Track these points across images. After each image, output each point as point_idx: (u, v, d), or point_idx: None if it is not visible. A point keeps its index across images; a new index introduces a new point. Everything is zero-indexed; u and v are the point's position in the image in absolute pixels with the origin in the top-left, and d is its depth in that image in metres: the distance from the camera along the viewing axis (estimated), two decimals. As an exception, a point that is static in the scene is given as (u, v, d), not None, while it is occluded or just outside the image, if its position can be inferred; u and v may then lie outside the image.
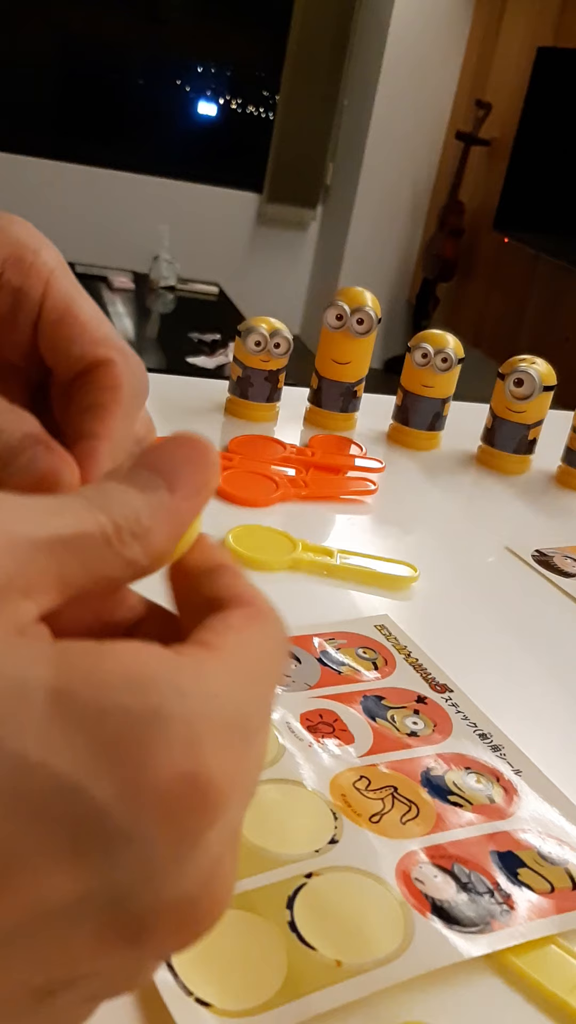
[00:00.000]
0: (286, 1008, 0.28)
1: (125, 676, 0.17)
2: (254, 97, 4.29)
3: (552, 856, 0.36)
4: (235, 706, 0.18)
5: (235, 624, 0.20)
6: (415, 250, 4.24)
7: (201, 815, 0.17)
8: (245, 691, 0.19)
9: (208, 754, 0.17)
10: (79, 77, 4.10)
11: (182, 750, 0.17)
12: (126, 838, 0.16)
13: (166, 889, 0.17)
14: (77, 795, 0.16)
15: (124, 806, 0.16)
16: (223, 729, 0.18)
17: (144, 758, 0.17)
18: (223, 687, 0.18)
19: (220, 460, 0.23)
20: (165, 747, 0.17)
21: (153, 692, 0.17)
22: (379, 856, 0.34)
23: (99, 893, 0.17)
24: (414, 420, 0.82)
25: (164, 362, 2.97)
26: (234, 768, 0.18)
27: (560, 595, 0.61)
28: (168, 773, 0.17)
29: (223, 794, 0.17)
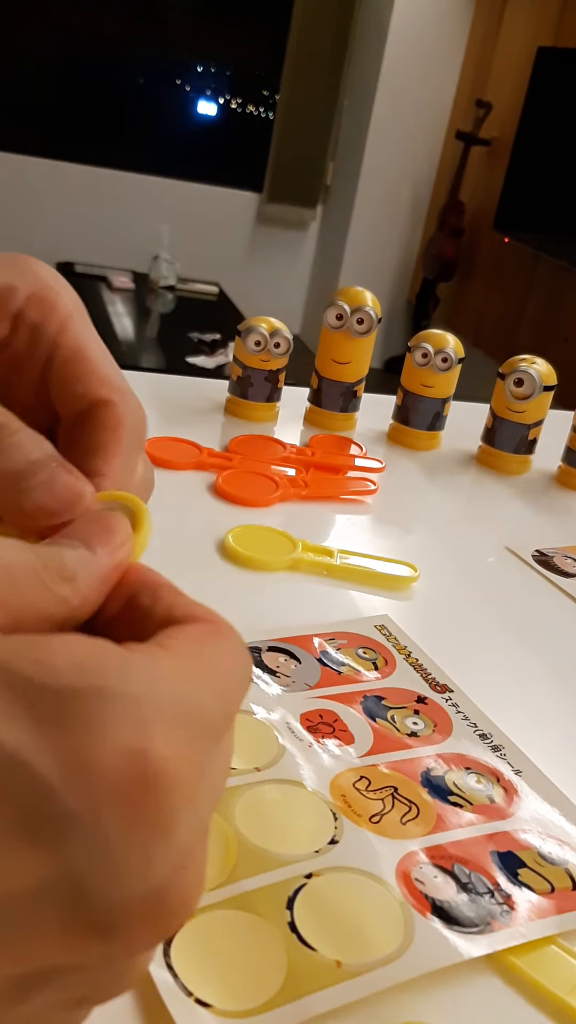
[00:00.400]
0: (286, 1008, 0.28)
1: (70, 658, 0.17)
2: (254, 97, 4.29)
3: (552, 856, 0.36)
4: (187, 695, 0.18)
5: (192, 634, 0.20)
6: (415, 250, 4.24)
7: (154, 796, 0.17)
8: (201, 685, 0.19)
9: (156, 734, 0.17)
10: (79, 77, 4.10)
11: (128, 728, 0.17)
12: (75, 817, 0.16)
13: (130, 880, 0.17)
14: (21, 770, 0.16)
15: (70, 783, 0.16)
16: (175, 713, 0.18)
17: (87, 734, 0.17)
18: (176, 676, 0.18)
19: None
20: (109, 724, 0.17)
21: (97, 672, 0.17)
22: (379, 856, 0.34)
23: (59, 879, 0.17)
24: (414, 420, 0.82)
25: (164, 362, 2.97)
26: (187, 753, 0.18)
27: (560, 595, 0.61)
28: (113, 750, 0.17)
29: (175, 776, 0.17)
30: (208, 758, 0.19)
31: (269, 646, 0.47)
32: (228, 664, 0.20)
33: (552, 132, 3.25)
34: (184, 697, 0.18)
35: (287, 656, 0.47)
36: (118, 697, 0.17)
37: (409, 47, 3.85)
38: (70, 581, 0.21)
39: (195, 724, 0.18)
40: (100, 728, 0.17)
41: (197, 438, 0.72)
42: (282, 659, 0.46)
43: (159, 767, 0.17)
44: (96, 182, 4.06)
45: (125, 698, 0.17)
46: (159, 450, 0.69)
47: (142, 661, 0.18)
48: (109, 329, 3.08)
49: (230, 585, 0.54)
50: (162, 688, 0.18)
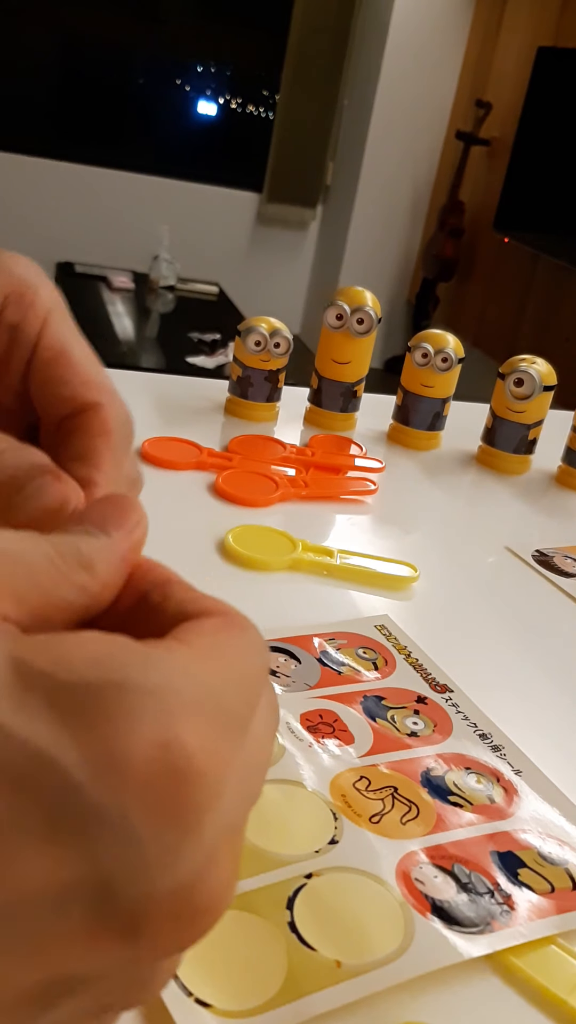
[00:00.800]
0: (286, 1008, 0.28)
1: (88, 654, 0.17)
2: (254, 97, 4.29)
3: (552, 856, 0.36)
4: (212, 686, 0.18)
5: (209, 629, 0.20)
6: (415, 250, 4.24)
7: (183, 788, 0.17)
8: (223, 677, 0.19)
9: (182, 725, 0.17)
10: (79, 77, 4.10)
11: (153, 720, 0.17)
12: (103, 814, 0.16)
13: (157, 878, 0.17)
14: (47, 767, 0.16)
15: (97, 779, 0.16)
16: (199, 705, 0.18)
17: (112, 729, 0.16)
18: (198, 668, 0.18)
19: None
20: (135, 717, 0.17)
21: (118, 666, 0.17)
22: (379, 856, 0.34)
23: (85, 878, 0.16)
24: (414, 420, 0.82)
25: (164, 362, 2.97)
26: (216, 746, 0.18)
27: (560, 595, 0.61)
28: (140, 744, 0.16)
29: (205, 770, 0.17)
30: (234, 750, 0.18)
31: (269, 646, 0.47)
32: (247, 656, 0.20)
33: (552, 132, 3.25)
34: (207, 688, 0.18)
35: (287, 656, 0.47)
36: (140, 690, 0.17)
37: (409, 47, 3.85)
38: (88, 569, 0.20)
39: (219, 715, 0.18)
40: (125, 722, 0.16)
41: (197, 438, 0.72)
42: (282, 659, 0.46)
43: (187, 758, 0.17)
44: (96, 182, 4.06)
45: (147, 690, 0.17)
46: (159, 450, 0.69)
47: (161, 654, 0.18)
48: (109, 329, 3.08)
49: (230, 585, 0.54)
50: (184, 679, 0.18)
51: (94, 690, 0.17)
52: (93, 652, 0.17)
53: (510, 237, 3.48)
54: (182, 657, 0.18)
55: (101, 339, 2.99)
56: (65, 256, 3.90)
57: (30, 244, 4.03)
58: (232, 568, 0.56)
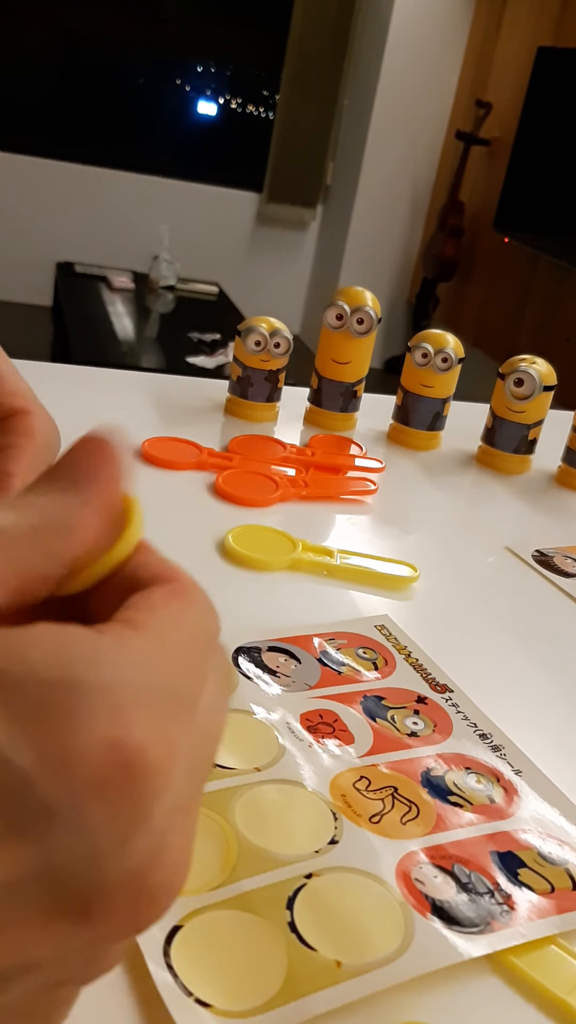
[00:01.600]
0: (286, 1008, 0.28)
1: (41, 650, 0.17)
2: (254, 97, 4.29)
3: (552, 856, 0.36)
4: (161, 673, 0.18)
5: (158, 602, 0.20)
6: (415, 250, 4.24)
7: (136, 783, 0.17)
8: (171, 660, 0.19)
9: (134, 720, 0.17)
10: (79, 77, 4.11)
11: (105, 717, 0.17)
12: (55, 809, 0.16)
13: (109, 865, 0.17)
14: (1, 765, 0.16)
15: (49, 776, 0.16)
16: (149, 695, 0.18)
17: (64, 727, 0.17)
18: (146, 656, 0.18)
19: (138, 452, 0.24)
20: (86, 715, 0.17)
21: (69, 663, 0.17)
22: (379, 856, 0.34)
23: (38, 869, 0.17)
24: (414, 420, 0.82)
25: (164, 362, 2.97)
26: (167, 735, 0.18)
27: (560, 595, 0.61)
28: (92, 741, 0.17)
29: (157, 761, 0.17)
30: (184, 730, 0.19)
31: (269, 646, 0.47)
32: (194, 629, 0.20)
33: (552, 132, 3.25)
34: (155, 677, 0.18)
35: (287, 656, 0.47)
36: (91, 687, 0.17)
37: (409, 47, 3.85)
38: (64, 536, 0.20)
39: (168, 701, 0.18)
40: (77, 720, 0.17)
41: (197, 438, 0.72)
42: (282, 659, 0.46)
43: (137, 753, 0.17)
44: (96, 182, 4.06)
45: (98, 687, 0.17)
46: (159, 450, 0.69)
47: (112, 645, 0.18)
48: (109, 329, 3.08)
49: (230, 585, 0.54)
50: (134, 672, 0.18)
51: (47, 688, 0.17)
52: (47, 647, 0.17)
53: (510, 237, 3.48)
54: (133, 646, 0.18)
55: (101, 339, 2.99)
56: (65, 256, 3.90)
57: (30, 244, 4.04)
58: (232, 568, 0.56)
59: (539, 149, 3.33)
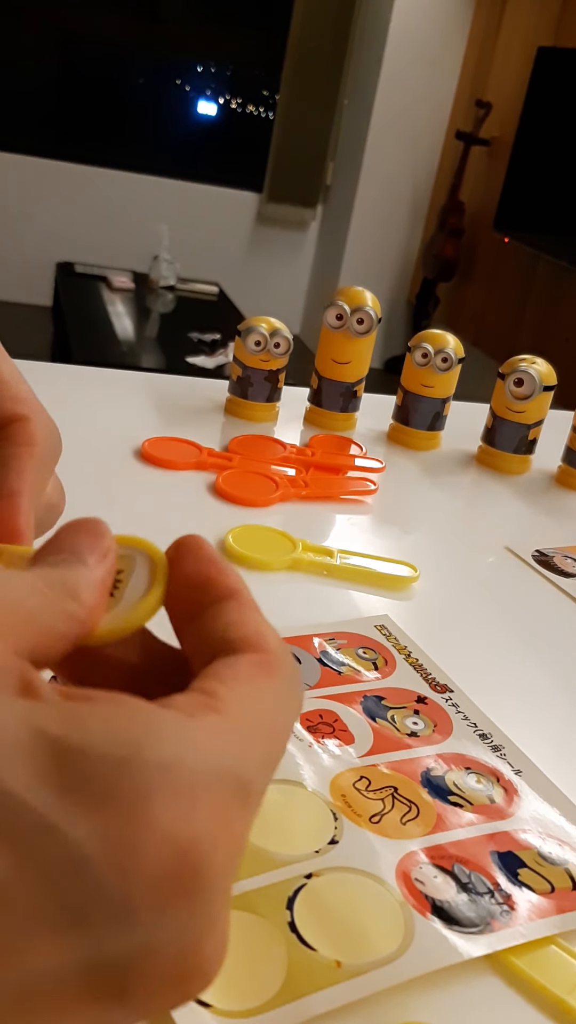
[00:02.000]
0: (286, 1008, 0.28)
1: (102, 718, 0.17)
2: (254, 97, 4.29)
3: (552, 856, 0.36)
4: (231, 760, 0.18)
5: (243, 674, 0.20)
6: (415, 250, 4.24)
7: (194, 882, 0.17)
8: (245, 747, 0.18)
9: (199, 812, 0.17)
10: (79, 77, 4.11)
11: (168, 806, 0.16)
12: (107, 894, 0.16)
13: (154, 955, 0.17)
14: (54, 835, 0.16)
15: (108, 860, 0.16)
16: (218, 785, 0.17)
17: (131, 813, 0.16)
18: (218, 739, 0.18)
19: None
20: (152, 803, 0.16)
21: (131, 737, 0.17)
22: (379, 856, 0.34)
23: (83, 956, 0.16)
24: (414, 420, 0.82)
25: (164, 362, 2.97)
26: (229, 828, 0.17)
27: (560, 595, 0.61)
28: (154, 836, 0.16)
29: (217, 860, 0.17)
30: (245, 819, 0.18)
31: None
32: (275, 710, 0.20)
33: (552, 132, 3.25)
34: (226, 762, 0.18)
35: (287, 656, 0.47)
36: (157, 769, 0.16)
37: (409, 47, 3.85)
38: (75, 598, 0.21)
39: (234, 791, 0.18)
40: (142, 807, 0.16)
41: (197, 438, 0.72)
42: (282, 659, 0.46)
43: (199, 850, 0.16)
44: (96, 182, 4.06)
45: (164, 770, 0.16)
46: (159, 450, 0.69)
47: (179, 725, 0.17)
48: (109, 329, 3.08)
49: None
50: (201, 756, 0.17)
51: (110, 769, 0.16)
52: (109, 722, 0.17)
53: (510, 237, 3.48)
54: (202, 728, 0.18)
55: (101, 339, 2.99)
56: (65, 256, 3.90)
57: (30, 244, 4.04)
58: (232, 568, 0.56)
59: (539, 149, 3.33)
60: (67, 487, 0.36)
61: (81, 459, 0.67)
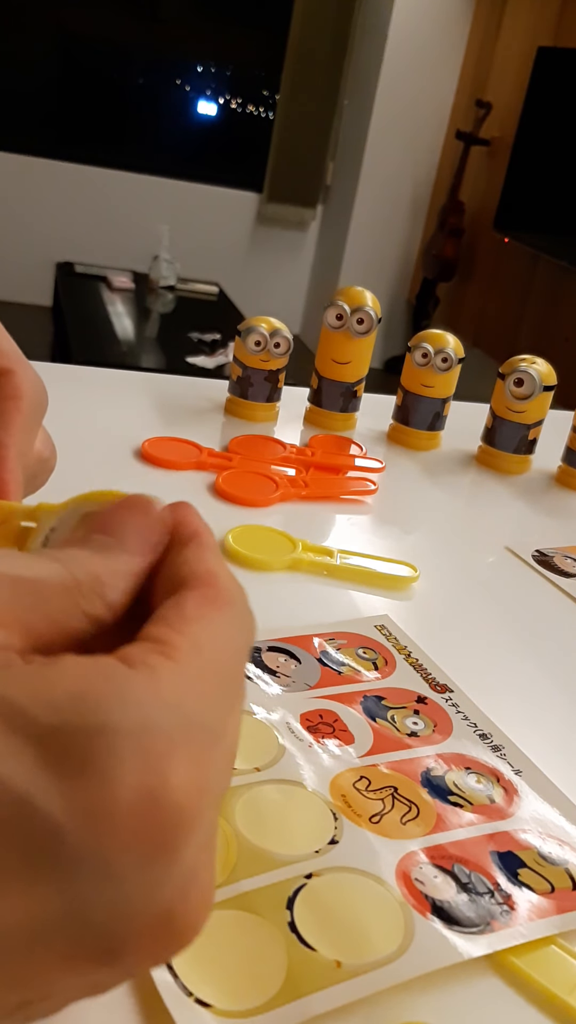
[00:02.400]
0: (286, 1008, 0.28)
1: (69, 690, 0.17)
2: (254, 97, 4.29)
3: (552, 856, 0.36)
4: (195, 709, 0.18)
5: (190, 612, 0.20)
6: (415, 250, 4.24)
7: (169, 830, 0.17)
8: (205, 691, 0.18)
9: (168, 765, 0.17)
10: (79, 77, 4.10)
11: (137, 765, 0.16)
12: (84, 859, 0.16)
13: (137, 908, 0.17)
14: (26, 808, 0.16)
15: (79, 827, 0.16)
16: (182, 735, 0.17)
17: (98, 777, 0.16)
18: (179, 691, 0.18)
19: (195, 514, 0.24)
20: (118, 763, 0.16)
21: (99, 707, 0.17)
22: (379, 856, 0.34)
23: (64, 913, 0.16)
24: (414, 420, 0.82)
25: (164, 362, 2.97)
26: (201, 777, 0.17)
27: (560, 595, 0.61)
28: (124, 791, 0.16)
29: (190, 805, 0.17)
30: (215, 767, 0.18)
31: (269, 646, 0.47)
32: (229, 643, 0.20)
33: (552, 132, 3.25)
34: (189, 713, 0.18)
35: (287, 656, 0.47)
36: (123, 732, 0.16)
37: (409, 47, 3.85)
38: (102, 596, 0.20)
39: (202, 738, 0.18)
40: (108, 768, 0.16)
41: (197, 438, 0.72)
42: (282, 659, 0.46)
43: (171, 800, 0.17)
44: (96, 182, 4.06)
45: (130, 732, 0.17)
46: (159, 450, 0.69)
47: (143, 683, 0.18)
48: (109, 329, 3.08)
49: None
50: (167, 713, 0.17)
51: (76, 734, 0.16)
52: (74, 687, 0.17)
53: (510, 237, 3.48)
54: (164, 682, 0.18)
55: (101, 339, 2.99)
56: (65, 256, 3.90)
57: (30, 244, 4.04)
58: (232, 568, 0.56)
59: (539, 149, 3.33)
60: (67, 487, 0.36)
61: (81, 459, 0.67)
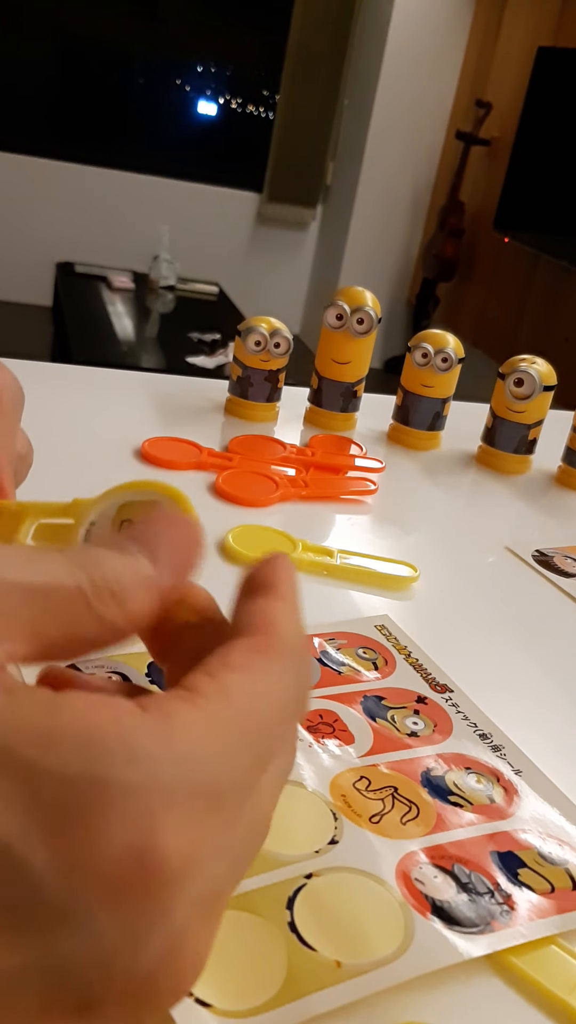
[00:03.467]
0: (286, 1008, 0.28)
1: (75, 736, 0.16)
2: (254, 97, 4.29)
3: (552, 856, 0.36)
4: (207, 764, 0.17)
5: (234, 661, 0.19)
6: (415, 250, 4.24)
7: (152, 895, 0.16)
8: (225, 745, 0.17)
9: (162, 827, 0.16)
10: (79, 77, 4.10)
11: (129, 823, 0.16)
12: (63, 914, 0.15)
13: (116, 966, 0.16)
14: (10, 859, 0.15)
15: (61, 880, 0.15)
16: (186, 796, 0.16)
17: (83, 830, 0.15)
18: (193, 746, 0.17)
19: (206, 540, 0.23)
20: (108, 819, 0.16)
21: (103, 758, 0.16)
22: (379, 856, 0.34)
23: (41, 966, 0.16)
24: (414, 420, 0.82)
25: (164, 362, 2.97)
26: (198, 838, 0.17)
27: (560, 595, 0.61)
28: (110, 848, 0.15)
29: (180, 870, 0.16)
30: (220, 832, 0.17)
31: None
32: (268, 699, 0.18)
33: (552, 132, 3.25)
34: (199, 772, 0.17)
35: (287, 656, 0.47)
36: (120, 787, 0.16)
37: (409, 47, 3.85)
38: (120, 603, 0.19)
39: (208, 802, 0.17)
40: (98, 823, 0.16)
41: (197, 438, 0.72)
42: (282, 659, 0.46)
43: (161, 864, 0.16)
44: (96, 182, 4.06)
45: (128, 788, 0.16)
46: (159, 450, 0.69)
47: (154, 733, 0.17)
48: (109, 329, 3.08)
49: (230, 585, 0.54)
50: (173, 769, 0.16)
51: (75, 784, 0.16)
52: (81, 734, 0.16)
53: (510, 237, 3.48)
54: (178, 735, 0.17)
55: (101, 339, 2.99)
56: (65, 256, 3.90)
57: (30, 244, 4.04)
58: (232, 568, 0.56)
59: (539, 149, 3.33)
60: (67, 487, 0.36)
61: (81, 459, 0.67)
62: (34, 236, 4.03)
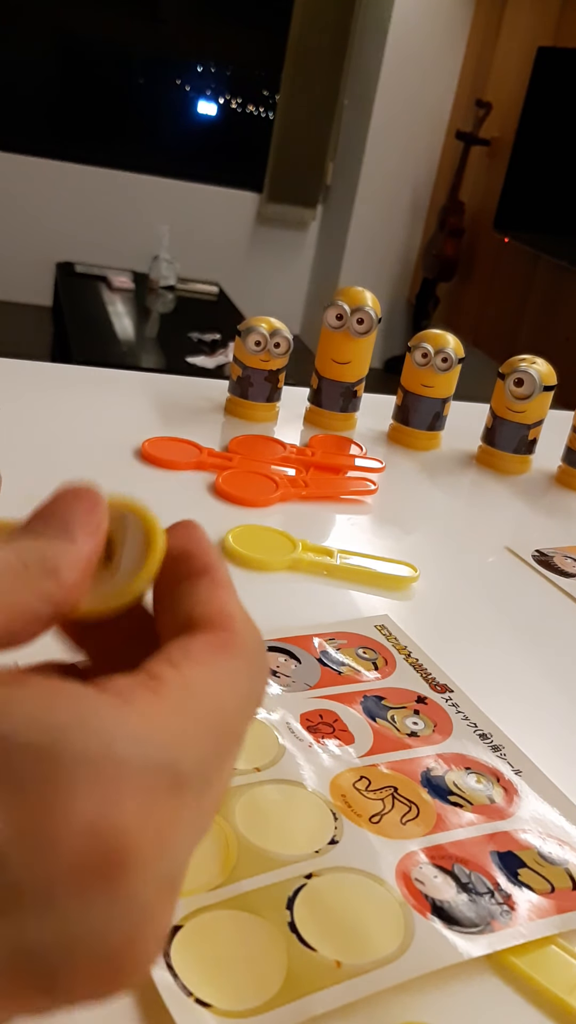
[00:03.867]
0: (286, 1008, 0.28)
1: (32, 705, 0.16)
2: (254, 97, 4.29)
3: (552, 856, 0.36)
4: (166, 750, 0.17)
5: (196, 655, 0.19)
6: (415, 250, 4.24)
7: (115, 872, 0.16)
8: (185, 734, 0.18)
9: (120, 802, 0.16)
10: (78, 77, 4.10)
11: (90, 798, 0.16)
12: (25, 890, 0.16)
13: (78, 942, 0.16)
14: None
15: (24, 857, 0.16)
16: (143, 774, 0.17)
17: (46, 805, 0.16)
18: (152, 729, 0.17)
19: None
20: (70, 794, 0.16)
21: (56, 729, 0.16)
22: (379, 856, 0.34)
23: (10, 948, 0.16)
24: (414, 420, 0.82)
25: (164, 362, 2.97)
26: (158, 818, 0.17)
27: (560, 595, 0.61)
28: (72, 824, 0.16)
29: (139, 845, 0.16)
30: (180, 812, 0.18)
31: (269, 646, 0.47)
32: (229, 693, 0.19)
33: (552, 132, 3.25)
34: (156, 749, 0.17)
35: (287, 656, 0.47)
36: (78, 760, 0.16)
37: (409, 47, 3.85)
38: (53, 576, 0.20)
39: (168, 782, 0.17)
40: (61, 799, 0.16)
41: (197, 438, 0.72)
42: (282, 659, 0.46)
43: (121, 840, 0.16)
44: (96, 182, 4.06)
45: (86, 760, 0.16)
46: (159, 450, 0.69)
47: (112, 711, 0.17)
48: (109, 329, 3.08)
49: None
50: (130, 746, 0.17)
51: (29, 755, 0.16)
52: (35, 708, 0.16)
53: (510, 237, 3.48)
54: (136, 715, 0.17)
55: (101, 339, 2.99)
56: (65, 256, 3.90)
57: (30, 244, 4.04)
58: (232, 568, 0.56)
59: (539, 149, 3.33)
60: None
61: (81, 459, 0.67)
62: (34, 236, 4.03)
